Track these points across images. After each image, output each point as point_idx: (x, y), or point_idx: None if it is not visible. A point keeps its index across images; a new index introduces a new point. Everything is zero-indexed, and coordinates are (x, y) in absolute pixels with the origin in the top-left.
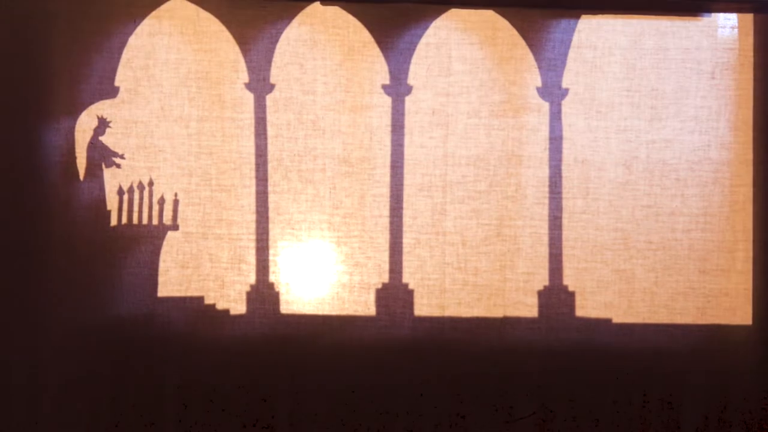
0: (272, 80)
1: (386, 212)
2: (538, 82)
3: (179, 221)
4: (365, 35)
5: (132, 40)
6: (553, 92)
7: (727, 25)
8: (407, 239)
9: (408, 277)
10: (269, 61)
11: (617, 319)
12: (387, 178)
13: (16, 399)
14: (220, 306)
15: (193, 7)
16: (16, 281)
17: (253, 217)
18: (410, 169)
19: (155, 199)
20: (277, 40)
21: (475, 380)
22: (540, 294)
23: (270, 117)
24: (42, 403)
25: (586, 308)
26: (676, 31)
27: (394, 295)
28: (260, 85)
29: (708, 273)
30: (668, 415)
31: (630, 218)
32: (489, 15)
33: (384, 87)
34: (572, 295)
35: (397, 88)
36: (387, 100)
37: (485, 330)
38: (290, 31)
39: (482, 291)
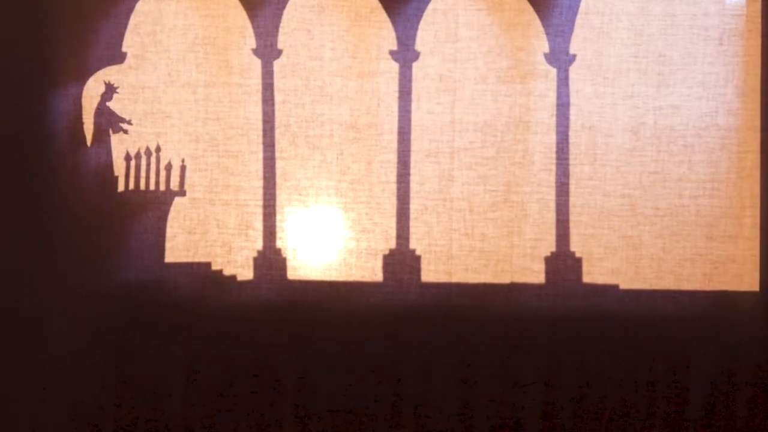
0: (279, 46)
1: (393, 178)
2: (546, 49)
3: (186, 187)
4: (372, 1)
5: (139, 6)
6: (560, 58)
7: None
8: (414, 205)
9: (415, 243)
10: (276, 27)
11: (624, 285)
12: (394, 145)
13: (23, 368)
14: (227, 272)
15: None
16: (22, 248)
17: (260, 183)
18: (417, 135)
19: (162, 165)
20: (284, 6)
21: (482, 346)
22: (547, 260)
23: (277, 83)
24: (49, 371)
25: (593, 274)
26: None
27: (401, 261)
28: (267, 51)
29: (715, 239)
30: (675, 381)
31: (637, 184)
32: None
33: (391, 53)
34: (579, 261)
35: (405, 54)
36: (394, 66)
37: (492, 296)
38: None
39: (489, 257)
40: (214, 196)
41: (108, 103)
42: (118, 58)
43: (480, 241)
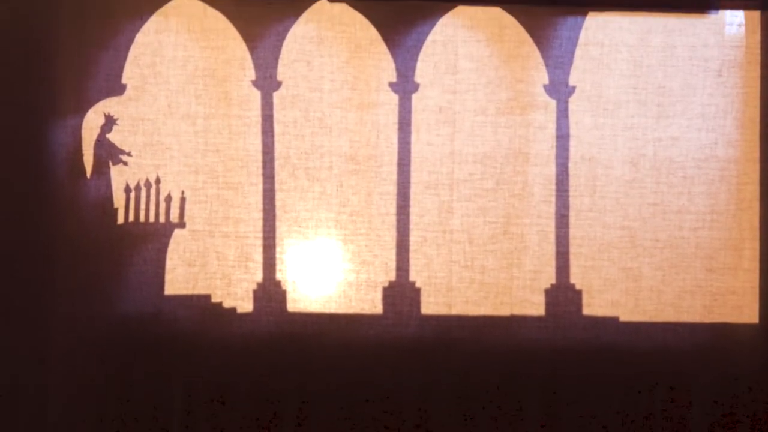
0: (279, 77)
1: (393, 210)
2: (545, 80)
3: (186, 219)
4: (372, 32)
5: (139, 38)
6: (560, 90)
7: (734, 22)
8: (414, 237)
9: (415, 275)
10: (276, 59)
11: (624, 317)
12: (394, 176)
13: (22, 398)
14: (226, 304)
15: (200, 4)
16: (22, 279)
17: (260, 214)
18: (417, 166)
19: (162, 197)
20: (284, 38)
21: (482, 378)
22: (547, 292)
23: (277, 114)
24: (48, 401)
25: (593, 306)
26: (683, 28)
27: (401, 293)
28: (267, 82)
29: (715, 271)
30: (675, 413)
31: (637, 216)
32: (496, 12)
33: (391, 84)
34: (579, 293)
35: (404, 86)
36: (394, 98)
37: (492, 328)
38: (297, 28)
39: (489, 289)
40: (213, 228)
41: (108, 135)
42: (118, 89)
43: (480, 273)
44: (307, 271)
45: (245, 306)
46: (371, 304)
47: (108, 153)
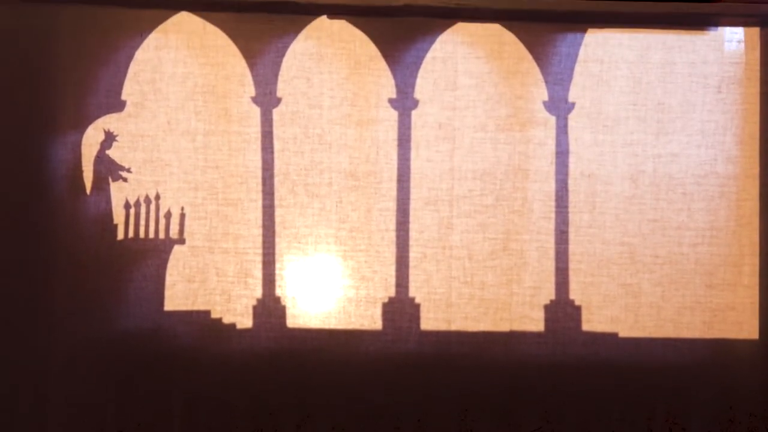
0: (279, 94)
1: (393, 226)
2: (545, 96)
3: (186, 235)
4: (372, 49)
5: (139, 54)
6: (559, 106)
7: (733, 39)
8: (414, 253)
9: (414, 291)
10: (276, 75)
11: (624, 333)
12: (393, 192)
13: (21, 415)
14: (226, 320)
15: (199, 20)
16: (22, 295)
17: (260, 231)
18: (417, 183)
19: (162, 213)
20: (283, 54)
21: (482, 394)
22: (546, 308)
23: (276, 131)
24: (48, 416)
25: (593, 322)
26: (683, 45)
27: (401, 309)
28: (267, 98)
29: (714, 287)
30: (675, 428)
31: (636, 232)
32: (495, 29)
33: (390, 101)
34: (579, 309)
35: (404, 102)
36: (393, 114)
37: (492, 344)
38: (297, 45)
39: (489, 305)
40: (213, 244)
41: (107, 151)
42: (118, 106)
43: (479, 289)
44: (307, 287)
45: (245, 322)
46: (371, 319)
47: (108, 169)
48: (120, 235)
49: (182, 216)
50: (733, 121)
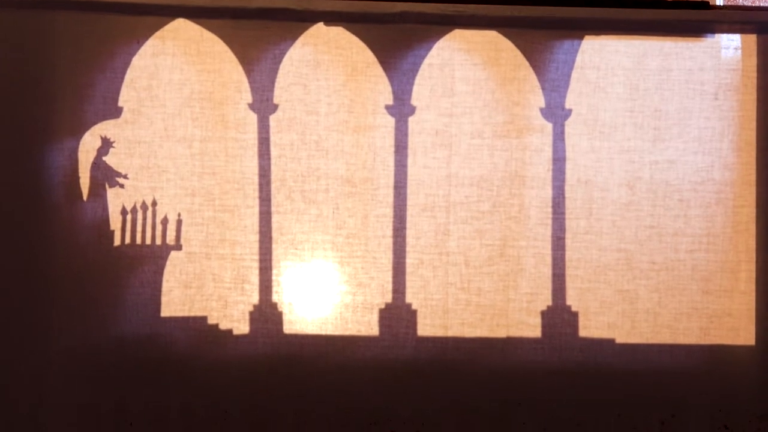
0: (275, 101)
1: (389, 232)
2: (542, 103)
3: (182, 241)
4: (369, 56)
5: (135, 61)
6: (556, 113)
7: (730, 45)
8: (410, 259)
9: (411, 297)
10: (272, 82)
11: (620, 339)
12: (390, 199)
13: (18, 422)
14: (223, 326)
15: (196, 27)
16: (18, 301)
17: (256, 237)
18: (413, 189)
19: (159, 219)
20: (280, 61)
21: (479, 400)
22: (543, 314)
23: (273, 137)
24: (45, 424)
25: (590, 328)
26: (680, 51)
27: (397, 315)
28: (263, 105)
29: (711, 293)
30: None
31: (633, 239)
32: (492, 36)
33: (387, 107)
34: (575, 315)
35: (401, 109)
36: (390, 121)
37: (488, 350)
38: (294, 52)
39: (485, 311)
40: (210, 251)
41: (104, 158)
42: (115, 112)
43: (476, 295)
44: (304, 293)
45: (241, 328)
46: (367, 326)
47: (104, 175)
48: (117, 241)
49: (179, 222)
50: (730, 127)
